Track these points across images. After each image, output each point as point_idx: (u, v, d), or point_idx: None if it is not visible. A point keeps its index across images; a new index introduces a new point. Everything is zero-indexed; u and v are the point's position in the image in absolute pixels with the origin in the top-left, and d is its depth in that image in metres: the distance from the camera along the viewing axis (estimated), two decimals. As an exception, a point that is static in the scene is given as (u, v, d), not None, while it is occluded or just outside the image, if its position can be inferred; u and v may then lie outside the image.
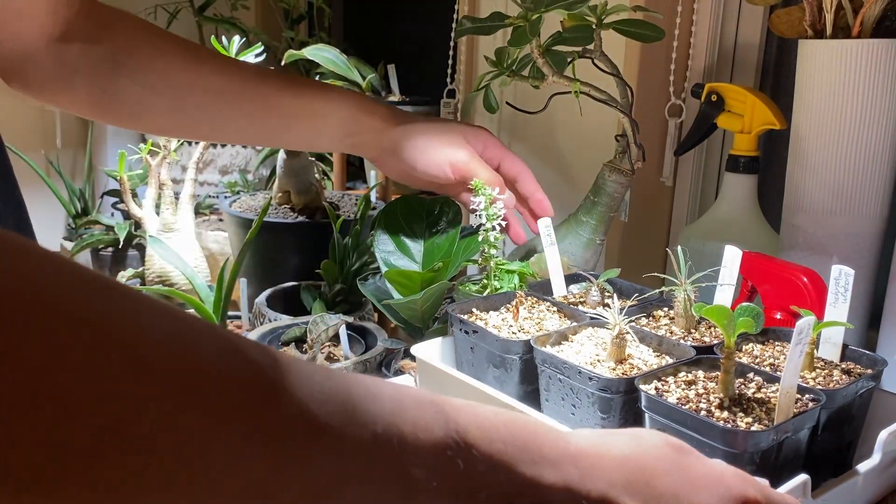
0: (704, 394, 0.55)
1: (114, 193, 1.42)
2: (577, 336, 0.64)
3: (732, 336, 0.54)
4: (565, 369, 0.58)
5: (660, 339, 0.62)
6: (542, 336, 0.63)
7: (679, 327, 0.66)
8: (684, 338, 0.64)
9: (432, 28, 1.54)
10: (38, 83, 0.69)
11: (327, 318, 0.85)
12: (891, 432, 0.58)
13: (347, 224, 1.06)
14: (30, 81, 0.69)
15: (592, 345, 0.63)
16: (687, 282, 0.65)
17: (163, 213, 1.08)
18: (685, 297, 0.65)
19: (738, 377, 0.57)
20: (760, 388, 0.56)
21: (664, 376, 0.57)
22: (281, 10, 1.69)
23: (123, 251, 1.25)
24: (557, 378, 0.59)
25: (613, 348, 0.60)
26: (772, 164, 1.02)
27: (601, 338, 0.64)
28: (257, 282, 1.07)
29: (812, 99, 0.80)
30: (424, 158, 0.80)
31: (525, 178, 0.83)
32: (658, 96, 1.05)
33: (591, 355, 0.61)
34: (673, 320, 0.68)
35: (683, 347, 0.60)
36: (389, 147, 0.81)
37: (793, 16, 0.83)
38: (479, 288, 0.78)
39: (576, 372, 0.57)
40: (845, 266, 0.60)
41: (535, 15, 0.77)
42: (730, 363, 0.54)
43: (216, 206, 1.43)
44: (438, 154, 0.80)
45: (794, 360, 0.51)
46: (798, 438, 0.53)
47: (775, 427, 0.50)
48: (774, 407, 0.52)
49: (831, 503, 0.55)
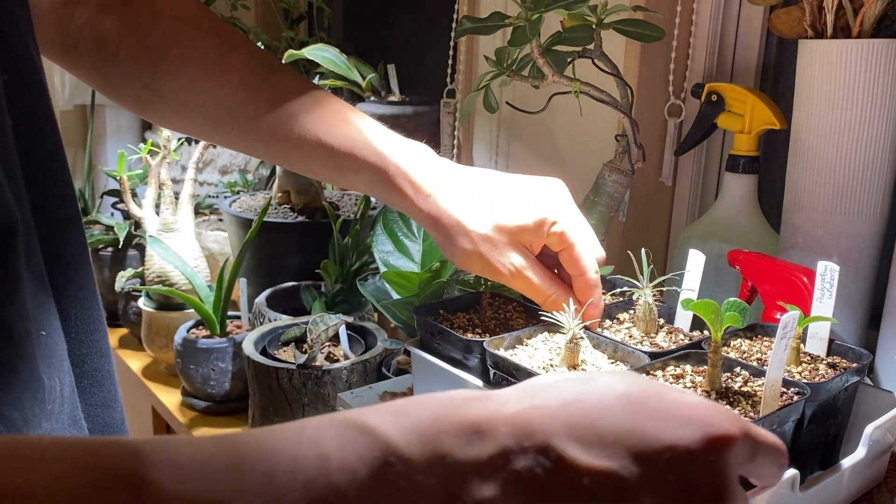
0: (692, 387, 0.55)
1: (113, 193, 1.42)
2: (532, 340, 0.64)
3: (719, 330, 0.54)
4: (517, 373, 0.57)
5: (615, 344, 0.62)
6: (496, 339, 0.62)
7: (639, 331, 0.65)
8: (642, 342, 0.64)
9: (432, 28, 1.54)
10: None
11: (327, 318, 0.85)
12: (876, 426, 0.59)
13: (347, 224, 1.06)
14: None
15: (546, 349, 0.62)
16: (648, 285, 0.65)
17: (162, 213, 1.08)
18: (645, 301, 0.65)
19: (726, 371, 0.58)
20: (747, 382, 0.56)
21: (652, 371, 0.57)
22: (281, 10, 1.69)
23: (123, 251, 1.25)
24: (509, 382, 0.58)
25: (566, 353, 0.59)
26: (772, 164, 1.02)
27: (556, 342, 0.63)
28: (257, 282, 1.07)
29: (812, 99, 0.80)
30: (464, 263, 0.63)
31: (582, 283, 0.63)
32: (658, 96, 1.05)
33: (544, 360, 0.60)
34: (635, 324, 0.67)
35: (637, 355, 0.59)
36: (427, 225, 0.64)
37: (792, 16, 0.83)
38: (474, 284, 0.78)
39: (526, 376, 0.56)
40: (831, 262, 0.61)
41: (535, 15, 0.77)
42: (717, 357, 0.55)
43: (216, 205, 1.43)
44: (479, 262, 0.62)
45: (779, 354, 0.52)
46: (784, 431, 0.53)
47: (760, 419, 0.50)
48: (760, 400, 0.53)
49: (818, 497, 0.56)
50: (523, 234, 0.61)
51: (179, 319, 1.03)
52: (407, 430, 0.32)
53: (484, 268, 0.62)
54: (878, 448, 0.60)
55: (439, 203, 0.61)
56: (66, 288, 0.47)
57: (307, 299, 1.02)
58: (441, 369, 0.66)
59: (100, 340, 0.50)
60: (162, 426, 1.11)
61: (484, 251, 0.61)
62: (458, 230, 0.61)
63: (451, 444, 0.32)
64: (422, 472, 0.31)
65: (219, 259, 1.20)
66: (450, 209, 0.61)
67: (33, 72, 0.45)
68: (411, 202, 0.62)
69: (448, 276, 0.78)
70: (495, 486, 0.32)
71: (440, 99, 1.39)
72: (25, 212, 0.42)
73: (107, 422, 0.51)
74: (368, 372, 0.85)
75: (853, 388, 0.60)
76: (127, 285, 1.13)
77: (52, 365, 0.43)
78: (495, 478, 0.32)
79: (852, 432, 0.62)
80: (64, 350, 0.45)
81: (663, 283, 0.65)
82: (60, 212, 0.47)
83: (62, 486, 0.27)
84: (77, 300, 0.48)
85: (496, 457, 0.32)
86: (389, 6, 1.76)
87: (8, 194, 0.39)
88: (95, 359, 0.50)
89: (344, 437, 0.31)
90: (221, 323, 0.98)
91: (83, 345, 0.49)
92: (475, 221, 0.61)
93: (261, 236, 1.00)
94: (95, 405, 0.50)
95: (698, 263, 0.66)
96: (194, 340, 0.96)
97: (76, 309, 0.48)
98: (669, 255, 1.11)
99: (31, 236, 0.43)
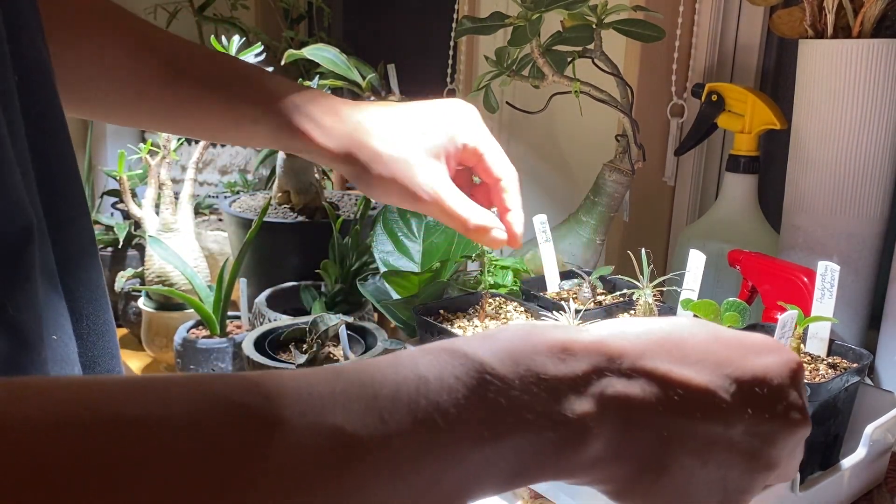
0: None
1: (113, 193, 1.42)
2: None
3: None
4: None
5: None
6: None
7: None
8: None
9: (432, 28, 1.54)
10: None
11: (327, 318, 0.85)
12: (877, 426, 0.59)
13: (347, 224, 1.06)
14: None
15: None
16: (648, 285, 0.65)
17: (162, 213, 1.08)
18: (645, 301, 0.65)
19: None
20: None
21: None
22: (281, 10, 1.69)
23: (123, 251, 1.25)
24: None
25: None
26: (772, 164, 1.02)
27: None
28: (257, 282, 1.07)
29: (812, 99, 0.80)
30: (381, 192, 0.62)
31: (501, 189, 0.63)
32: (659, 96, 1.05)
33: None
34: None
35: None
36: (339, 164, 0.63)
37: (794, 16, 0.83)
38: (474, 284, 0.78)
39: None
40: (831, 262, 0.61)
41: (535, 15, 0.77)
42: None
43: (216, 205, 1.43)
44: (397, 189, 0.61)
45: None
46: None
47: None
48: None
49: (818, 497, 0.56)
50: (436, 149, 0.60)
51: (179, 319, 1.03)
52: (498, 351, 0.32)
53: (402, 194, 0.60)
54: (878, 448, 0.60)
55: (349, 136, 0.60)
56: (77, 288, 0.47)
57: (307, 299, 1.02)
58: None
59: (110, 342, 0.50)
60: (162, 426, 1.10)
61: (399, 175, 0.60)
62: (371, 157, 0.60)
63: (543, 361, 0.32)
64: (518, 388, 0.31)
65: (219, 259, 1.20)
66: (360, 139, 0.60)
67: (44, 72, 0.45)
68: (318, 144, 0.61)
69: (448, 276, 0.78)
70: (591, 402, 0.32)
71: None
72: (38, 213, 0.42)
73: None
74: (368, 372, 0.85)
75: (853, 388, 0.60)
76: (127, 285, 1.13)
77: (63, 370, 0.43)
78: (590, 393, 0.32)
79: (852, 432, 0.62)
80: (75, 354, 0.45)
81: (663, 283, 0.65)
82: (71, 211, 0.47)
83: (190, 419, 0.26)
84: (88, 300, 0.48)
85: (589, 372, 0.33)
86: (389, 6, 1.76)
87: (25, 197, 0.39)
88: (106, 360, 0.50)
89: (439, 361, 0.31)
90: (221, 323, 0.98)
91: (95, 346, 0.48)
92: (387, 145, 0.60)
93: (261, 236, 1.00)
94: None
95: (698, 263, 0.66)
96: (194, 340, 0.96)
97: (87, 309, 0.48)
98: (669, 255, 1.11)
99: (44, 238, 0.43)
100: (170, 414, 0.25)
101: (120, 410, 0.25)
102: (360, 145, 0.60)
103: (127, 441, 0.24)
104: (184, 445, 0.25)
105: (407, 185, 0.60)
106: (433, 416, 0.30)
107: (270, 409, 0.27)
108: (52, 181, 0.45)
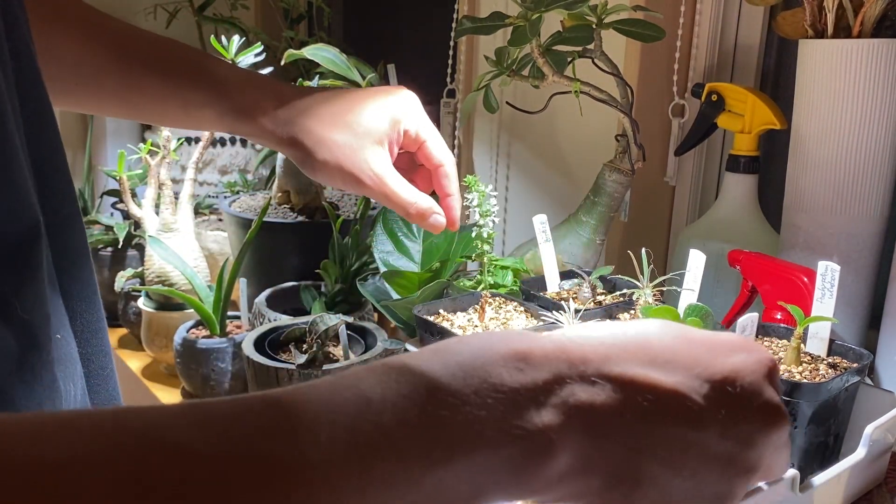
0: None
1: (113, 193, 1.42)
2: None
3: None
4: None
5: None
6: None
7: None
8: None
9: (432, 28, 1.54)
10: None
11: (327, 318, 0.85)
12: (876, 426, 0.59)
13: (347, 224, 1.06)
14: None
15: None
16: (648, 285, 0.65)
17: (162, 213, 1.08)
18: (645, 301, 0.65)
19: None
20: None
21: None
22: (281, 10, 1.69)
23: (123, 251, 1.25)
24: None
25: None
26: (772, 164, 1.02)
27: None
28: (257, 282, 1.07)
29: (812, 99, 0.80)
30: (325, 177, 0.64)
31: (441, 174, 0.66)
32: (659, 96, 1.05)
33: None
34: None
35: None
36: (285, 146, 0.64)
37: (798, 18, 0.83)
38: (473, 284, 0.78)
39: None
40: (831, 262, 0.61)
41: (535, 15, 0.77)
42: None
43: (216, 206, 1.43)
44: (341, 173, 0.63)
45: None
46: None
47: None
48: None
49: (818, 497, 0.56)
50: (380, 135, 0.62)
51: (179, 319, 1.03)
52: (450, 364, 0.30)
53: (346, 178, 0.62)
54: (878, 448, 0.60)
55: (294, 121, 0.62)
56: (72, 286, 0.47)
57: (307, 299, 1.02)
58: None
59: (103, 339, 0.50)
60: (162, 426, 1.10)
61: (343, 159, 0.61)
62: (316, 141, 0.62)
63: (499, 372, 0.30)
64: (472, 403, 0.29)
65: (219, 259, 1.20)
66: (306, 125, 0.62)
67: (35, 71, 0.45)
68: (264, 128, 0.63)
69: (448, 276, 0.78)
70: (553, 413, 0.30)
71: (440, 99, 1.39)
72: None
73: None
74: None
75: (853, 388, 0.60)
76: (126, 285, 1.13)
77: (67, 369, 0.43)
78: (552, 403, 0.30)
79: (852, 432, 0.62)
80: (76, 352, 0.45)
81: (663, 283, 0.65)
82: (63, 209, 0.47)
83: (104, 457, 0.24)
84: (82, 298, 0.48)
85: (550, 381, 0.31)
86: (389, 6, 1.76)
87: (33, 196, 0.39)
88: (100, 357, 0.50)
89: (384, 380, 0.29)
90: (221, 323, 0.98)
91: (89, 343, 0.49)
92: (331, 130, 0.62)
93: (261, 236, 1.00)
94: (102, 404, 0.50)
95: (699, 263, 0.66)
96: (194, 340, 0.96)
97: (81, 307, 0.48)
98: (669, 255, 1.11)
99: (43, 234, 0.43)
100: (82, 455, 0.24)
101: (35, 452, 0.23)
102: (305, 131, 0.62)
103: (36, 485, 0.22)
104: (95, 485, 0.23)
105: (351, 170, 0.62)
106: (376, 440, 0.27)
107: (191, 443, 0.25)
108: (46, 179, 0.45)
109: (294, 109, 0.63)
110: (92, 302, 0.49)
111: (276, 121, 0.62)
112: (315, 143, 0.62)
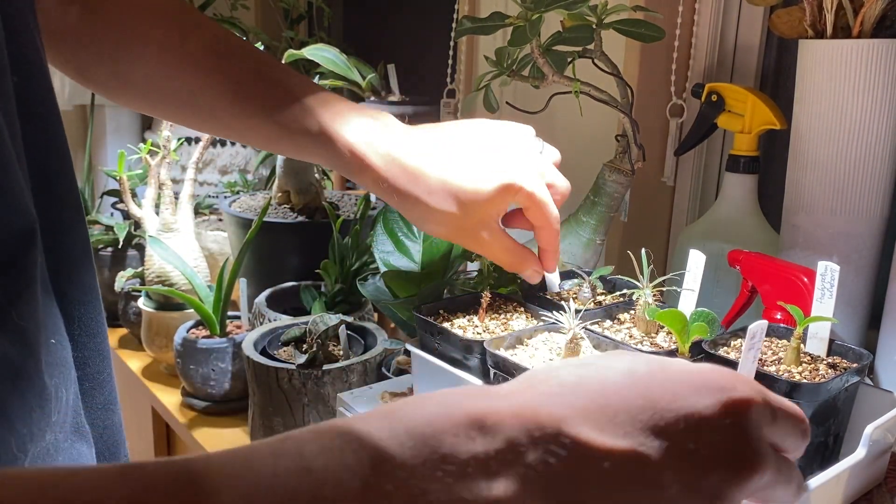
0: None
1: (113, 193, 1.42)
2: (532, 340, 0.64)
3: (686, 342, 0.53)
4: (517, 373, 0.57)
5: (616, 344, 0.61)
6: (496, 339, 0.62)
7: (640, 331, 0.65)
8: (642, 342, 0.64)
9: (432, 28, 1.54)
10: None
11: (327, 318, 0.85)
12: (876, 426, 0.58)
13: (347, 224, 1.06)
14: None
15: (547, 349, 0.62)
16: (648, 285, 0.65)
17: (162, 213, 1.08)
18: (645, 301, 0.65)
19: None
20: None
21: None
22: (281, 10, 1.69)
23: (123, 251, 1.25)
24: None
25: (567, 353, 0.58)
26: (772, 164, 1.02)
27: (556, 342, 0.63)
28: (257, 282, 1.07)
29: (812, 99, 0.80)
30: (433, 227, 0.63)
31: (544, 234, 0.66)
32: (659, 96, 1.05)
33: (544, 360, 0.60)
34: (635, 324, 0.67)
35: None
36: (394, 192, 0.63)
37: (793, 16, 0.83)
38: (474, 284, 0.78)
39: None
40: (831, 262, 0.61)
41: (535, 15, 0.77)
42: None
43: (216, 205, 1.43)
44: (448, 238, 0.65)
45: (748, 366, 0.52)
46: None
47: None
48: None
49: (818, 497, 0.56)
50: (490, 204, 0.61)
51: (179, 319, 1.03)
52: (399, 432, 0.29)
53: (455, 242, 0.67)
54: (878, 448, 0.60)
55: (403, 190, 0.61)
56: (70, 291, 0.47)
57: (307, 299, 1.02)
58: (441, 369, 0.66)
59: (101, 343, 0.50)
60: (162, 426, 1.10)
61: (453, 235, 0.63)
62: (425, 213, 0.61)
63: (450, 442, 0.29)
64: (419, 475, 0.28)
65: (219, 259, 1.20)
66: (414, 193, 0.61)
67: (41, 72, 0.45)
68: (375, 190, 0.63)
69: (448, 276, 0.78)
70: (507, 483, 0.29)
71: (440, 99, 1.39)
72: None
73: (106, 424, 0.51)
74: (368, 372, 0.85)
75: (853, 388, 0.60)
76: (127, 285, 1.13)
77: (59, 374, 0.43)
78: (506, 473, 0.29)
79: (852, 432, 0.62)
80: (70, 357, 0.45)
81: (663, 283, 0.65)
82: (65, 213, 0.47)
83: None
84: (80, 302, 0.48)
85: (504, 451, 0.30)
86: (389, 6, 1.76)
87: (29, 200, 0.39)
88: (97, 361, 0.50)
89: (328, 448, 0.28)
90: (221, 323, 0.98)
91: (86, 348, 0.49)
92: (441, 201, 0.60)
93: (261, 236, 1.00)
94: (97, 408, 0.50)
95: (698, 263, 0.66)
96: (194, 340, 0.96)
97: (79, 311, 0.48)
98: (669, 255, 1.11)
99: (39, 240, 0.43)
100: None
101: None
102: (412, 202, 0.61)
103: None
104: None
105: (460, 241, 0.64)
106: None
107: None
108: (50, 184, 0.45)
109: (399, 167, 0.61)
110: (92, 306, 0.49)
111: (380, 188, 0.62)
112: (424, 212, 0.61)
